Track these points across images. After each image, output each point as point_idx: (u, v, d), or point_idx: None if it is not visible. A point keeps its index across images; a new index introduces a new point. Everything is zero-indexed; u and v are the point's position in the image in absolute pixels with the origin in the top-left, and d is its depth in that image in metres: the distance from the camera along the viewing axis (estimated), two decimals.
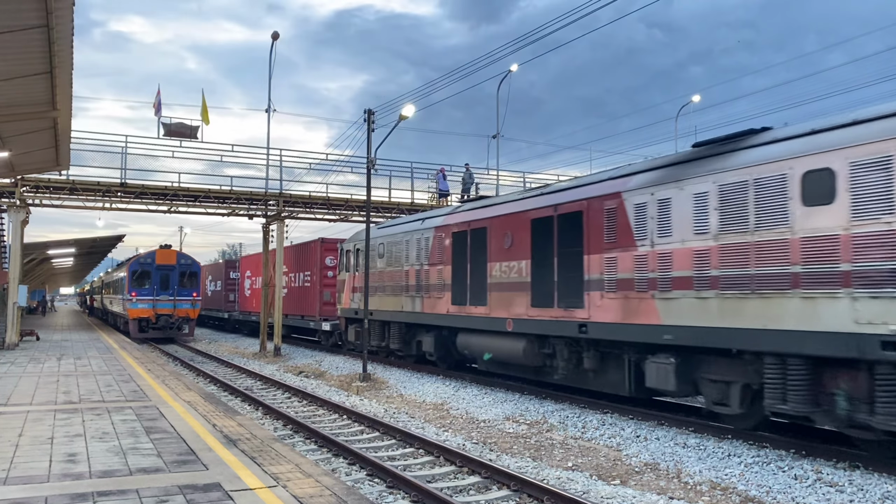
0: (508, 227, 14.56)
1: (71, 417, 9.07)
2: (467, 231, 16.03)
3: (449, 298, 16.54)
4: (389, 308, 19.52)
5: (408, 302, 18.55)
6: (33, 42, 10.14)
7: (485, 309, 15.08)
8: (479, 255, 15.43)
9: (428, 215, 18.84)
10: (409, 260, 18.55)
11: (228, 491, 5.63)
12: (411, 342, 19.30)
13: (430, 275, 17.45)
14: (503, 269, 14.67)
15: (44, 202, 24.07)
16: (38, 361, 16.91)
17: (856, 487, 7.89)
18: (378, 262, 20.17)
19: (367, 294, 19.43)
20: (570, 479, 8.54)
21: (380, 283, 19.89)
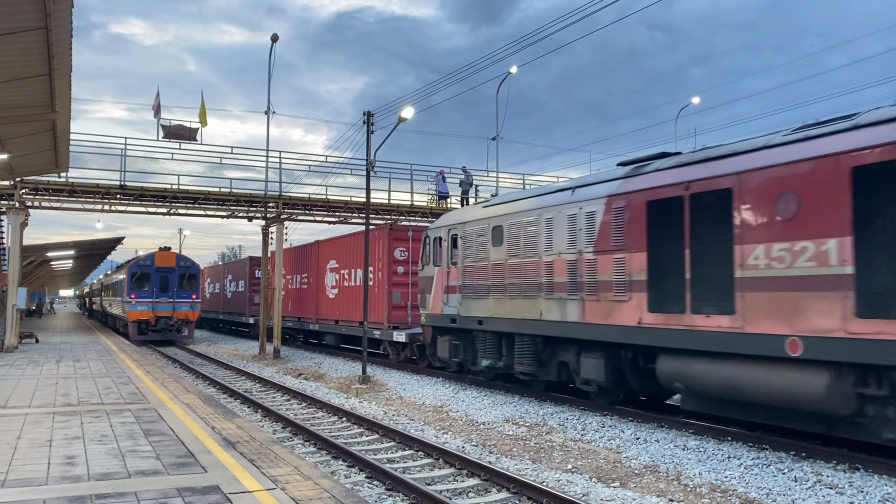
0: (789, 184, 9.19)
1: (70, 420, 9.05)
2: (683, 197, 10.55)
3: (641, 302, 11.09)
4: (512, 315, 14.17)
5: (550, 307, 13.11)
6: (32, 44, 10.15)
7: (730, 320, 9.75)
8: (714, 232, 10.11)
9: (583, 182, 13.27)
10: (554, 246, 13.08)
11: (227, 493, 5.62)
12: (550, 363, 13.74)
13: (596, 267, 12.05)
14: (775, 254, 9.30)
15: (43, 204, 24.09)
16: (36, 364, 16.89)
17: (856, 489, 7.88)
18: (490, 252, 15.04)
19: (366, 296, 19.41)
20: (569, 482, 8.53)
21: (494, 279, 14.84)
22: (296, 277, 30.15)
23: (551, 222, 13.26)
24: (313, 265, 27.81)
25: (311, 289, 28.08)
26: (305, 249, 29.70)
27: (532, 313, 13.61)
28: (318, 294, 27.11)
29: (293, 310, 29.94)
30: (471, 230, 15.78)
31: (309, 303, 28.23)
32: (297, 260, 29.91)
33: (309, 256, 28.73)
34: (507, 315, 14.37)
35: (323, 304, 26.63)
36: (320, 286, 26.95)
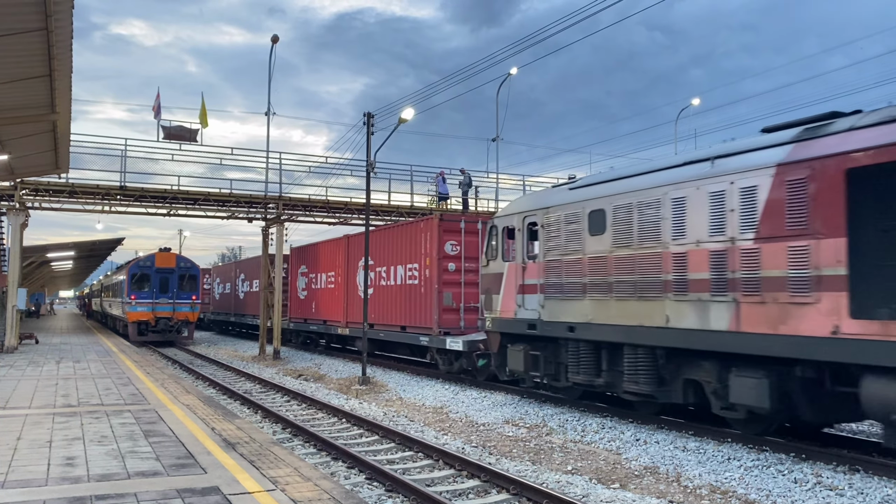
0: None
1: (69, 421, 9.05)
2: None
3: (837, 305, 8.27)
4: (621, 320, 11.33)
5: (681, 310, 10.28)
6: (33, 45, 10.16)
7: None
8: None
9: (727, 150, 10.26)
10: (688, 233, 10.27)
11: (227, 495, 5.62)
12: (674, 381, 10.88)
13: (760, 259, 9.21)
14: None
15: (43, 205, 24.12)
16: (36, 365, 16.89)
17: (856, 491, 7.88)
18: (585, 242, 12.20)
19: (366, 292, 19.43)
20: (569, 483, 8.53)
21: (592, 276, 12.00)
22: (319, 276, 26.87)
23: (682, 203, 10.41)
24: (341, 262, 24.80)
25: (337, 289, 24.97)
26: (332, 245, 26.35)
27: (652, 319, 10.76)
28: (349, 295, 23.99)
29: (316, 312, 26.89)
30: (556, 217, 12.96)
31: (336, 304, 25.02)
32: (323, 257, 26.50)
33: (336, 253, 25.75)
34: (613, 321, 11.48)
35: (355, 306, 23.15)
36: (351, 286, 23.86)
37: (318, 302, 27.17)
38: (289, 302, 28.28)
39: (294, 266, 29.73)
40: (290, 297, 29.85)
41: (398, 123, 18.29)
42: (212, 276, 45.59)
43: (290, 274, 30.10)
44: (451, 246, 18.90)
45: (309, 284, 28.01)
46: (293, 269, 29.83)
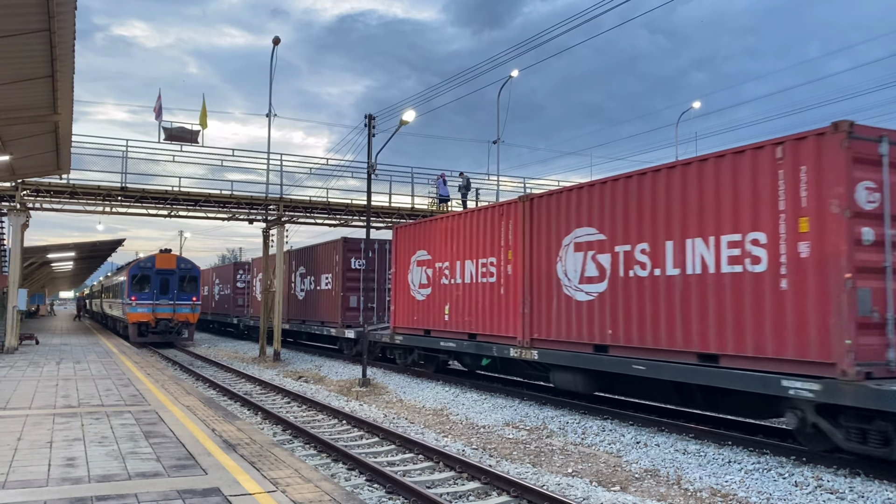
0: None
1: (70, 421, 9.05)
2: None
3: None
4: None
5: None
6: (35, 46, 10.17)
7: None
8: None
9: None
10: None
11: (228, 496, 5.62)
12: None
13: None
14: None
15: (44, 206, 24.11)
16: (37, 365, 16.88)
17: (856, 494, 7.87)
18: None
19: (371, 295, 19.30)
20: (569, 485, 8.52)
21: None
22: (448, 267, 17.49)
23: None
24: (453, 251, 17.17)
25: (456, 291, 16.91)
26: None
27: None
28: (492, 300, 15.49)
29: (419, 321, 18.48)
30: None
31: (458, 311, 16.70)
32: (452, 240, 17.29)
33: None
34: None
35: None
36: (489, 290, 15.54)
37: (417, 310, 18.82)
38: (396, 305, 19.54)
39: (404, 256, 19.64)
40: (400, 297, 19.75)
41: (399, 125, 18.30)
42: (250, 271, 37.67)
43: (398, 265, 20.02)
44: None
45: (436, 278, 17.95)
46: (403, 259, 19.65)
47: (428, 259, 18.02)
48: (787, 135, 9.33)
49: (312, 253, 27.45)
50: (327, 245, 25.60)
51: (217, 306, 43.32)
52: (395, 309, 19.65)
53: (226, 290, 41.11)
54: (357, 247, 24.10)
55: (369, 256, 24.16)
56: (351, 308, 23.96)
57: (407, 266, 19.05)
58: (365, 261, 24.17)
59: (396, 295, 19.53)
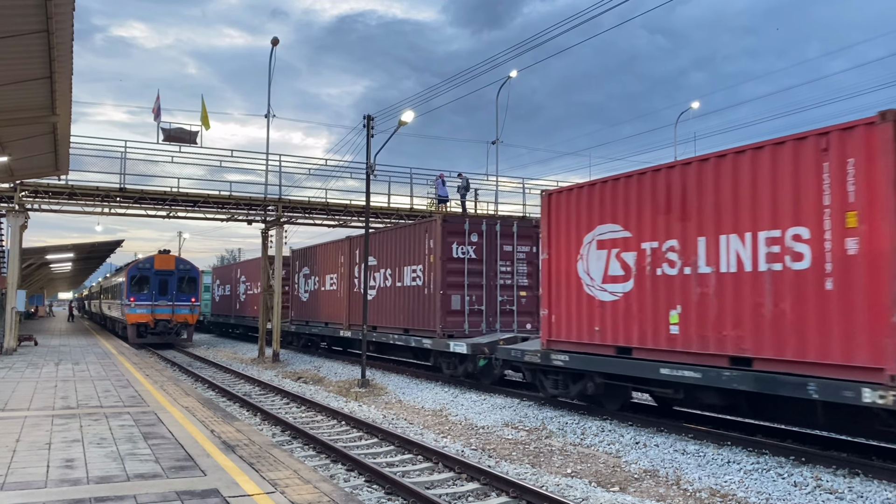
0: None
1: (69, 423, 9.04)
2: None
3: None
4: None
5: None
6: (33, 47, 10.16)
7: None
8: None
9: None
10: None
11: (227, 497, 5.61)
12: None
13: None
14: None
15: (43, 207, 24.09)
16: (36, 366, 16.87)
17: (855, 494, 7.87)
18: None
19: (366, 292, 19.35)
20: (569, 486, 8.52)
21: None
22: None
23: None
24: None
25: None
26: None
27: None
28: None
29: (605, 334, 12.47)
30: None
31: None
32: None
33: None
34: None
35: None
36: None
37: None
38: (552, 309, 13.55)
39: (568, 235, 13.27)
40: (562, 297, 13.69)
41: (398, 126, 18.29)
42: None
43: (555, 248, 10.75)
44: None
45: (643, 265, 12.72)
46: (565, 239, 13.48)
47: (624, 237, 12.22)
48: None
49: (384, 239, 21.41)
50: (414, 228, 19.59)
51: (242, 308, 36.13)
52: (550, 315, 13.54)
53: (254, 290, 33.43)
54: (460, 228, 18.07)
55: (475, 242, 18.19)
56: (453, 311, 17.92)
57: (574, 249, 12.94)
58: (471, 247, 18.15)
59: (552, 293, 13.47)
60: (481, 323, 18.07)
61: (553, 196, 13.76)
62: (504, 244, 18.36)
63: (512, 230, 18.58)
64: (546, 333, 13.64)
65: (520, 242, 18.59)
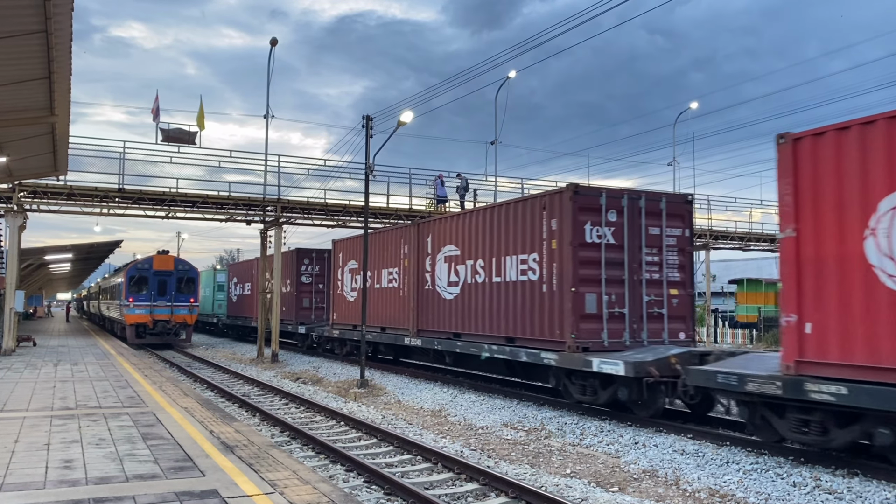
0: None
1: (67, 423, 9.03)
2: None
3: None
4: None
5: None
6: (32, 47, 10.15)
7: None
8: None
9: None
10: None
11: (225, 498, 5.61)
12: None
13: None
14: None
15: (41, 207, 24.07)
16: (34, 367, 16.85)
17: (854, 495, 7.88)
18: None
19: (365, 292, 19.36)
20: (568, 486, 8.52)
21: None
22: None
23: None
24: None
25: None
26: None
27: None
28: None
29: None
30: None
31: None
32: None
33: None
34: None
35: None
36: None
37: None
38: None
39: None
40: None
41: (397, 126, 18.30)
42: (333, 259, 28.16)
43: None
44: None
45: None
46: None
47: None
48: None
49: (468, 223, 16.74)
50: (523, 205, 14.70)
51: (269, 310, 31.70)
52: (802, 322, 9.05)
53: (285, 287, 29.35)
54: (595, 203, 13.31)
55: (613, 222, 13.51)
56: (588, 315, 13.13)
57: (857, 221, 8.59)
58: (609, 229, 13.44)
59: (808, 290, 9.04)
60: (623, 331, 13.36)
61: (808, 141, 9.14)
62: (650, 226, 13.73)
63: (659, 207, 13.85)
64: (794, 351, 9.04)
65: (669, 223, 13.96)
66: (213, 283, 43.70)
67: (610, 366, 11.91)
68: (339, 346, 24.86)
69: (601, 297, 13.15)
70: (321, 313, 28.50)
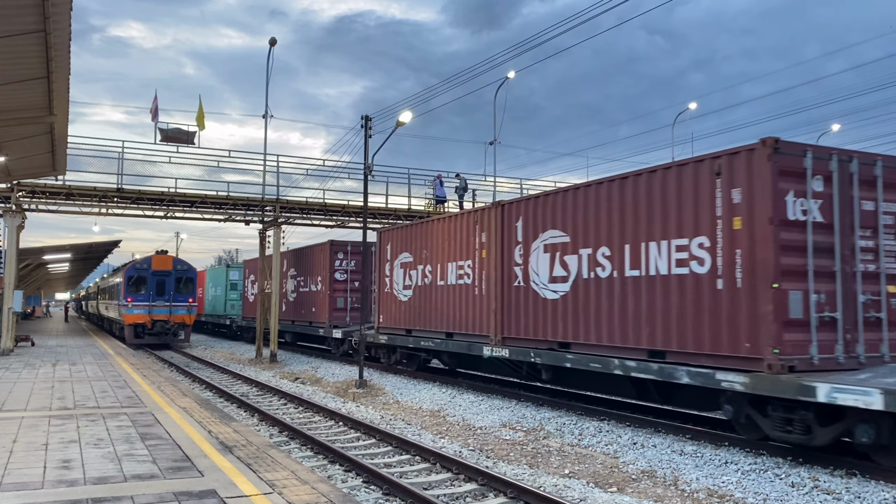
0: None
1: (66, 423, 9.02)
2: None
3: None
4: None
5: None
6: (31, 47, 10.14)
7: None
8: None
9: None
10: None
11: (224, 498, 5.60)
12: None
13: None
14: None
15: (40, 207, 24.04)
16: (32, 367, 16.83)
17: (853, 495, 7.88)
18: None
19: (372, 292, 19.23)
20: (566, 487, 8.52)
21: None
22: None
23: None
24: None
25: None
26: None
27: None
28: None
29: None
30: None
31: None
32: None
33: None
34: None
35: None
36: None
37: None
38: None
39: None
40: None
41: (396, 126, 18.31)
42: (379, 254, 23.58)
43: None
44: None
45: None
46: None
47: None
48: None
49: (571, 199, 13.23)
50: (680, 170, 10.97)
51: (296, 310, 28.45)
52: None
53: (314, 286, 26.57)
54: (797, 166, 9.74)
55: (820, 193, 9.88)
56: (791, 322, 9.44)
57: None
58: (815, 203, 9.81)
59: None
60: (835, 344, 9.66)
61: None
62: (863, 199, 10.14)
63: (874, 173, 10.24)
64: None
65: (887, 196, 10.34)
66: (226, 280, 39.71)
67: (852, 396, 8.21)
68: (387, 354, 21.04)
69: (808, 297, 9.56)
70: (357, 315, 24.40)
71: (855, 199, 10.04)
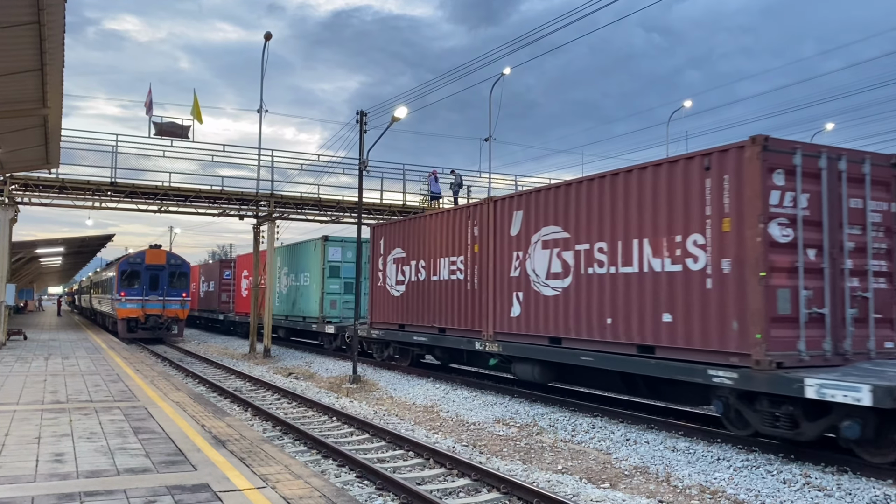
0: None
1: (58, 417, 9.00)
2: None
3: None
4: None
5: None
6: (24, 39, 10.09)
7: None
8: None
9: None
10: None
11: (217, 492, 5.60)
12: None
13: None
14: None
15: (33, 200, 23.92)
16: (25, 361, 16.77)
17: (844, 492, 7.93)
18: None
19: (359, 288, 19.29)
20: (559, 482, 8.55)
21: None
22: None
23: None
24: None
25: None
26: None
27: None
28: None
29: None
30: None
31: None
32: None
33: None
34: None
35: None
36: None
37: None
38: None
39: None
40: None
41: (391, 122, 18.29)
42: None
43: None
44: None
45: None
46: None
47: None
48: None
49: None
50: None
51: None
52: None
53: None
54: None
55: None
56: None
57: None
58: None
59: None
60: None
61: None
62: (851, 196, 10.31)
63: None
64: None
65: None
66: (322, 262, 25.16)
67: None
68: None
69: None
70: None
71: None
